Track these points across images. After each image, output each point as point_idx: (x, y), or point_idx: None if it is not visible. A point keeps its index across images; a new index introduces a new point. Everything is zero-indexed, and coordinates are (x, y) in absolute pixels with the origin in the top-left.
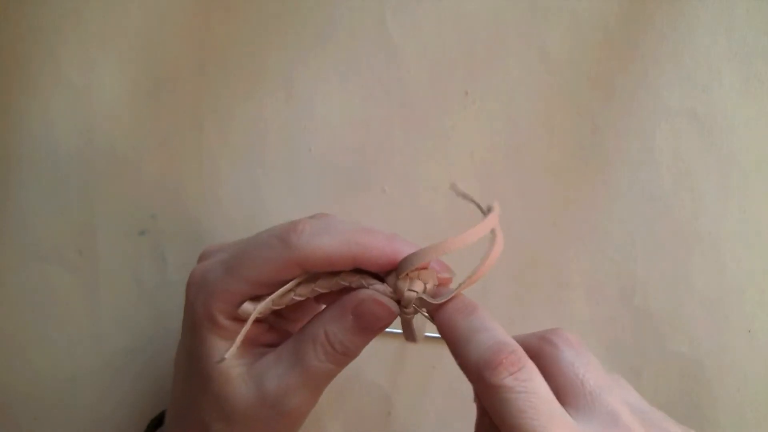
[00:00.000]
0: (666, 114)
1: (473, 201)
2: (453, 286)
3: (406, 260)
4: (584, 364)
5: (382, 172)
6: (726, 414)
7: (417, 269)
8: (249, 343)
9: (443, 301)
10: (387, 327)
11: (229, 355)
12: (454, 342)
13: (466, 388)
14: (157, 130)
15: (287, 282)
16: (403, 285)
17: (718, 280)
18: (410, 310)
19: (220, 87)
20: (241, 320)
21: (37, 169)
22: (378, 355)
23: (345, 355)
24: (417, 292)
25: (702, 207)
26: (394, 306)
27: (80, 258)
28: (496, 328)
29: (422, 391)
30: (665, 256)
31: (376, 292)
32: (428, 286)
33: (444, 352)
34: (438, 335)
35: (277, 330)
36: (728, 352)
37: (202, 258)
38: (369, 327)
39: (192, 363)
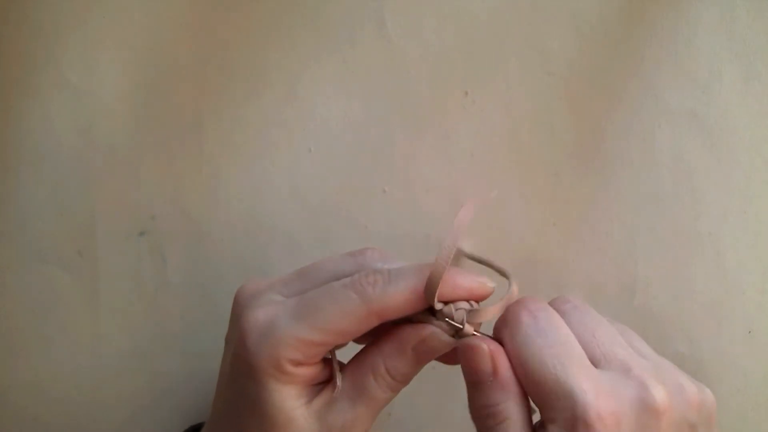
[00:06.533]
0: (666, 114)
1: (490, 265)
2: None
3: (429, 285)
4: (592, 323)
5: (382, 172)
6: (726, 415)
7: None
8: (308, 383)
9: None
10: None
11: (339, 383)
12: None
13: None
14: (157, 130)
15: (361, 331)
16: (451, 308)
17: (718, 281)
18: (467, 331)
19: (220, 87)
20: (305, 365)
21: (37, 169)
22: None
23: (404, 383)
24: (465, 309)
25: (702, 207)
26: (451, 341)
27: (80, 259)
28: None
29: (422, 393)
30: (665, 256)
31: (437, 329)
32: (473, 304)
33: None
34: None
35: (329, 366)
36: (728, 352)
37: (249, 300)
38: (426, 359)
39: (247, 404)
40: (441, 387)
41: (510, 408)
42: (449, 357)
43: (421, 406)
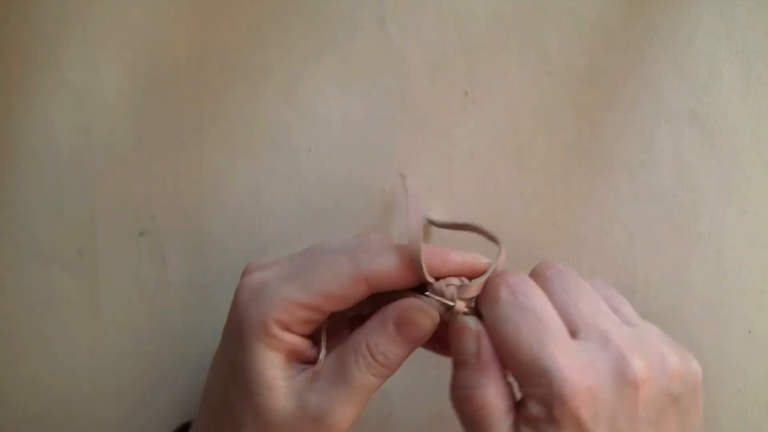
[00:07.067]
0: (666, 114)
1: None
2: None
3: (413, 254)
4: (575, 290)
5: (382, 172)
6: (726, 415)
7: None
8: (294, 356)
9: (481, 282)
10: (427, 337)
11: (322, 357)
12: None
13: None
14: (157, 130)
15: (349, 296)
16: (442, 284)
17: (718, 281)
18: (459, 307)
19: (220, 87)
20: (293, 332)
21: (37, 169)
22: None
23: (386, 367)
24: (455, 285)
25: (702, 207)
26: (435, 314)
27: (80, 258)
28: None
29: (422, 392)
30: (665, 256)
31: (418, 301)
32: (464, 280)
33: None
34: None
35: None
36: (728, 352)
37: (250, 271)
38: (410, 337)
39: (233, 369)
40: (441, 387)
41: (488, 394)
42: (445, 348)
43: (421, 406)
